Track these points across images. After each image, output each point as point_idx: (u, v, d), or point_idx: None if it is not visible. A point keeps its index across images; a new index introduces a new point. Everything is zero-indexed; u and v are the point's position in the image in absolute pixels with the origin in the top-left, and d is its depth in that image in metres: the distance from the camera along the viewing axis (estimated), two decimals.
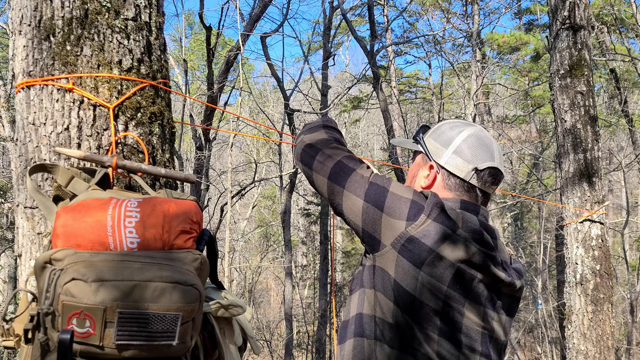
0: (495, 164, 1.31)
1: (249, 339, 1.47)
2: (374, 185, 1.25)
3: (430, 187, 1.34)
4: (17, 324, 1.17)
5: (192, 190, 9.18)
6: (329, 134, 1.42)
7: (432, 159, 1.34)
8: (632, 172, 15.90)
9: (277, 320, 19.31)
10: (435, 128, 1.40)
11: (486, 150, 1.31)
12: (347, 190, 1.27)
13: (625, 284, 13.30)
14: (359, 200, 1.24)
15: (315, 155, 1.35)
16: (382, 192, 1.24)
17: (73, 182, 1.26)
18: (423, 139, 1.39)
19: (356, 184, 1.26)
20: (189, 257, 1.16)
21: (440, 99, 14.98)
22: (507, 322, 1.29)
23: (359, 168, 1.30)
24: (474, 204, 1.31)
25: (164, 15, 1.57)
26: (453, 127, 1.36)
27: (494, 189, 1.34)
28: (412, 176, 1.41)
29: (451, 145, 1.32)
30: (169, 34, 19.82)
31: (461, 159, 1.30)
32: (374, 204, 1.23)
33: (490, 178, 1.31)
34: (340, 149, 1.36)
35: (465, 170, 1.30)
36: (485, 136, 1.34)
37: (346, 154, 1.34)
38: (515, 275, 1.30)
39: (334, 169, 1.30)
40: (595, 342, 4.23)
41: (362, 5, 15.32)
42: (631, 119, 11.40)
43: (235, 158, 19.09)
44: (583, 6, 4.54)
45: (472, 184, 1.30)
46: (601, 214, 4.38)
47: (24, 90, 1.37)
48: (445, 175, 1.32)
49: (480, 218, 1.29)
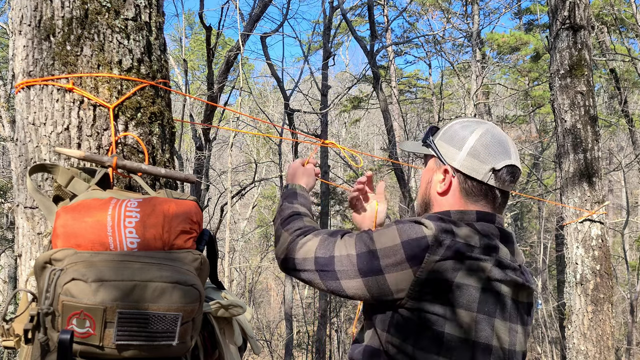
0: (512, 161, 1.25)
1: (249, 339, 1.47)
2: (360, 256, 1.20)
3: (447, 193, 1.28)
4: (17, 324, 1.17)
5: (192, 190, 9.18)
6: (287, 230, 1.35)
7: (446, 163, 1.28)
8: (632, 172, 15.90)
9: (277, 320, 19.30)
10: (445, 129, 1.33)
11: (502, 148, 1.25)
12: (341, 280, 1.21)
13: (625, 284, 13.30)
14: (357, 281, 1.19)
15: (296, 267, 1.29)
16: (371, 256, 1.18)
17: (73, 182, 1.25)
18: (434, 141, 1.33)
19: (344, 268, 1.21)
20: (189, 257, 1.16)
21: (440, 99, 14.98)
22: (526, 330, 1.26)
23: (335, 249, 1.24)
24: (490, 214, 1.26)
25: (164, 15, 1.57)
26: (465, 127, 1.29)
27: (512, 187, 1.29)
28: (427, 182, 1.34)
29: (465, 146, 1.26)
30: (169, 34, 19.84)
31: (477, 160, 1.24)
32: (372, 273, 1.18)
33: (509, 176, 1.25)
34: (306, 241, 1.29)
35: (482, 172, 1.24)
36: (499, 133, 1.29)
37: (315, 243, 1.27)
38: (530, 277, 1.27)
39: (318, 270, 1.24)
40: (595, 342, 4.23)
41: (362, 5, 15.32)
42: (631, 119, 11.40)
43: (235, 158, 19.09)
44: (583, 6, 4.54)
45: (491, 184, 1.24)
46: (601, 214, 4.38)
47: (24, 90, 1.37)
48: (461, 178, 1.26)
49: (497, 225, 1.25)
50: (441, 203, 1.30)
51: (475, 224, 1.22)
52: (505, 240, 1.24)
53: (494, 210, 1.28)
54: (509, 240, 1.25)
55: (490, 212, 1.26)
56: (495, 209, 1.28)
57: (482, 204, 1.26)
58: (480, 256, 1.15)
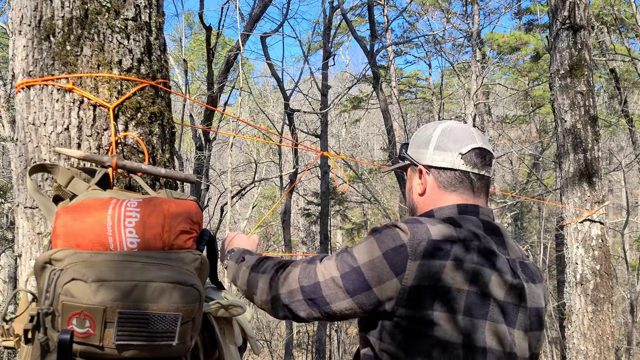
0: (478, 144, 1.29)
1: (249, 339, 1.47)
2: (345, 276, 1.19)
3: (425, 191, 1.33)
4: (17, 324, 1.17)
5: (192, 190, 9.18)
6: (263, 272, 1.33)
7: (419, 164, 1.34)
8: (632, 172, 15.90)
9: (277, 320, 19.29)
10: (413, 137, 1.41)
11: (465, 135, 1.31)
12: (332, 304, 1.21)
13: (625, 284, 13.30)
14: (347, 302, 1.19)
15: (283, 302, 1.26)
16: (356, 274, 1.18)
17: (73, 182, 1.25)
18: (406, 152, 1.40)
19: (332, 292, 1.20)
20: (189, 257, 1.16)
21: (440, 99, 14.98)
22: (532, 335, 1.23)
23: (317, 274, 1.23)
24: (472, 205, 1.28)
25: (164, 15, 1.57)
26: (427, 128, 1.37)
27: (488, 170, 1.31)
28: (409, 189, 1.40)
29: (430, 143, 1.32)
30: (169, 34, 19.83)
31: (443, 151, 1.30)
32: (360, 290, 1.18)
33: (479, 159, 1.29)
34: (286, 274, 1.27)
35: (450, 160, 1.29)
36: (461, 125, 1.34)
37: (296, 273, 1.25)
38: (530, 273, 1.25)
39: (306, 299, 1.23)
40: (595, 342, 4.23)
41: (362, 5, 15.33)
42: (631, 119, 11.40)
43: (235, 158, 19.09)
44: (583, 6, 4.54)
45: (463, 169, 1.28)
46: (601, 214, 4.38)
47: (24, 90, 1.37)
48: (435, 173, 1.31)
49: (482, 217, 1.26)
50: (424, 203, 1.34)
51: (455, 217, 1.24)
52: (491, 232, 1.24)
53: (475, 197, 1.29)
54: (495, 233, 1.25)
55: (471, 204, 1.28)
56: (475, 194, 1.29)
57: (460, 191, 1.29)
58: (461, 254, 1.15)
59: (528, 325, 1.22)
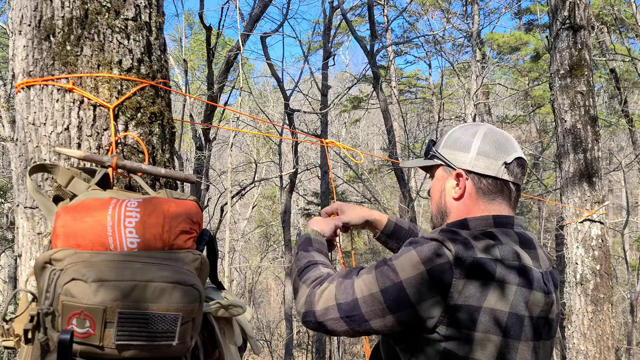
0: (519, 153, 1.28)
1: (249, 339, 1.47)
2: (385, 291, 1.15)
3: (463, 197, 1.28)
4: (17, 324, 1.17)
5: (192, 190, 9.19)
6: (305, 282, 1.32)
7: (457, 167, 1.28)
8: (632, 172, 15.90)
9: (277, 320, 19.30)
10: (447, 137, 1.34)
11: (507, 143, 1.28)
12: (371, 321, 1.17)
13: (625, 284, 13.30)
14: (388, 318, 1.16)
15: (318, 319, 1.23)
16: (398, 290, 1.14)
17: (73, 182, 1.25)
18: (437, 151, 1.34)
19: (372, 308, 1.17)
20: (189, 257, 1.15)
21: (440, 99, 14.98)
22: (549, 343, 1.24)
23: (355, 291, 1.19)
24: (507, 217, 1.26)
25: (164, 15, 1.57)
26: (466, 130, 1.32)
27: (523, 179, 1.30)
28: (440, 191, 1.34)
29: (472, 147, 1.27)
30: (169, 34, 19.83)
31: (488, 158, 1.26)
32: (402, 307, 1.14)
33: (520, 169, 1.28)
34: (323, 290, 1.24)
35: (495, 168, 1.25)
36: (500, 130, 1.32)
37: (333, 290, 1.22)
38: (555, 284, 1.25)
39: (343, 317, 1.19)
40: (595, 342, 4.23)
41: (362, 5, 15.33)
42: (631, 119, 11.40)
43: (235, 158, 19.09)
44: (583, 6, 4.54)
45: (505, 179, 1.26)
46: (601, 214, 4.38)
47: (24, 90, 1.37)
48: (475, 179, 1.26)
49: (517, 230, 1.25)
50: (458, 209, 1.29)
51: (494, 232, 1.21)
52: (526, 246, 1.23)
53: (511, 207, 1.28)
54: (529, 246, 1.24)
55: (507, 215, 1.26)
56: (512, 204, 1.29)
57: (499, 201, 1.27)
58: (504, 274, 1.14)
59: (550, 333, 1.23)
